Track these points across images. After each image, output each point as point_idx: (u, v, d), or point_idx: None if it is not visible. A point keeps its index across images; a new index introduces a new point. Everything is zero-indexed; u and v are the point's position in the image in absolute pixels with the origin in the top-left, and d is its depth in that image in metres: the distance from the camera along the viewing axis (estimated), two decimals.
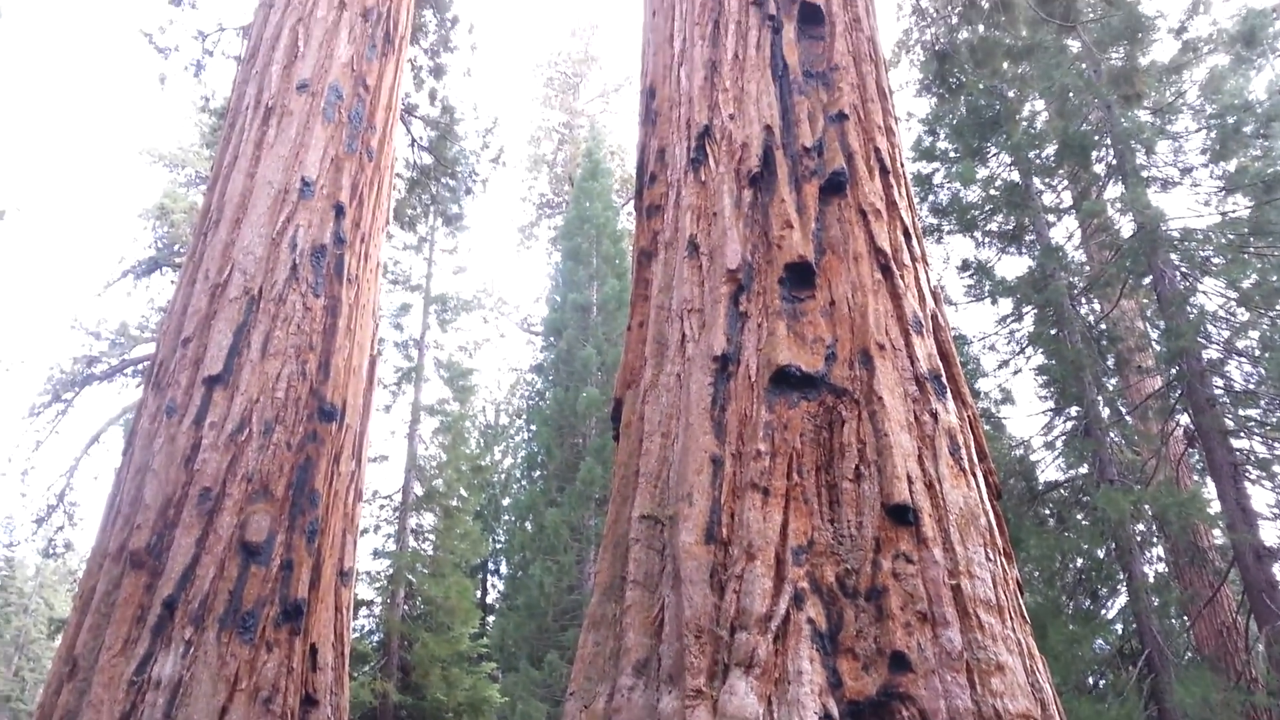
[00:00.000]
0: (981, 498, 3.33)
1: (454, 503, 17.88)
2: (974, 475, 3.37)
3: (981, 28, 11.73)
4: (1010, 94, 12.05)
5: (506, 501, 22.00)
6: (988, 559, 3.07)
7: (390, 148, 7.81)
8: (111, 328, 18.39)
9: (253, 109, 6.82)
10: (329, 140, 6.71)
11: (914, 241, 4.20)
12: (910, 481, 3.11)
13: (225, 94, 14.11)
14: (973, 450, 3.52)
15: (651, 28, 5.91)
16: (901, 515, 3.04)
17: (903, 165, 4.70)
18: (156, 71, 12.99)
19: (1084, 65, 11.30)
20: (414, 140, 14.46)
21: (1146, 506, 9.19)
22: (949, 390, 3.60)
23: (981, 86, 11.71)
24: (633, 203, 6.41)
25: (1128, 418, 11.06)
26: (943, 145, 12.27)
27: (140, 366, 18.02)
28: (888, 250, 3.96)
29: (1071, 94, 10.77)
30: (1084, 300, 11.77)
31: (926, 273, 4.24)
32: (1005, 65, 11.43)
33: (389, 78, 7.78)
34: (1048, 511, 10.80)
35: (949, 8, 12.75)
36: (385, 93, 7.65)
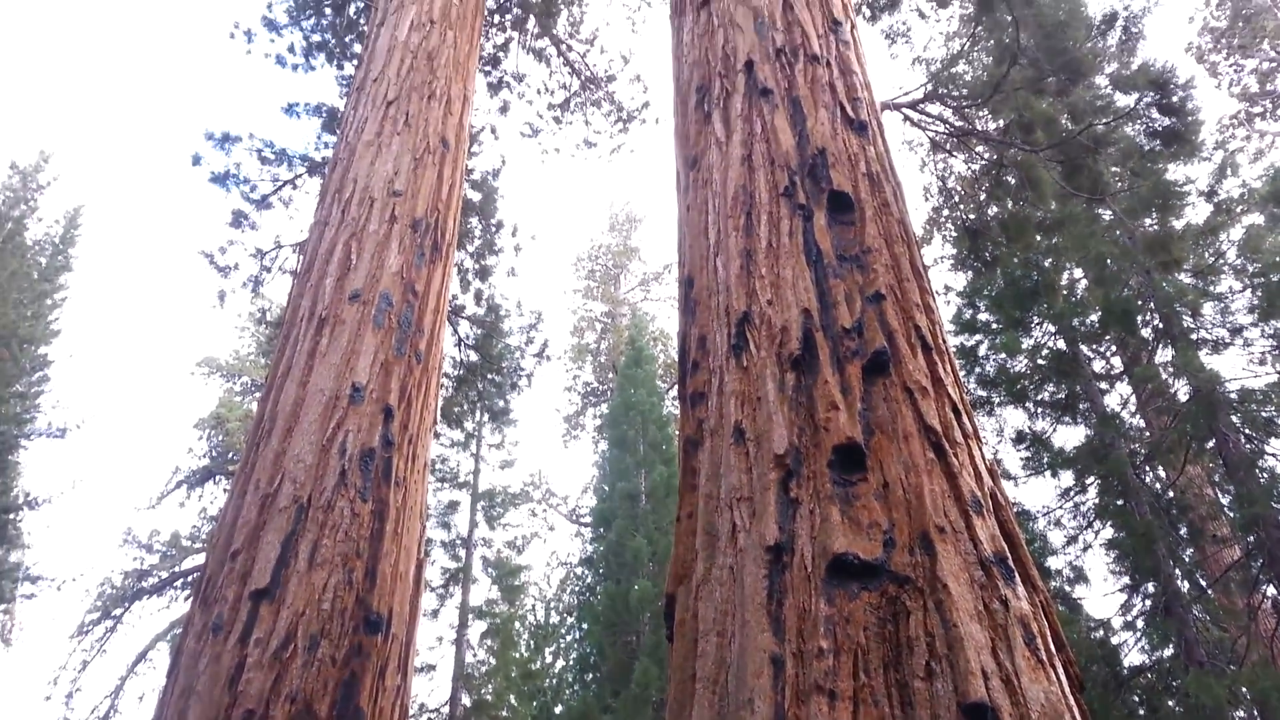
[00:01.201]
0: (1063, 691, 3.07)
1: (504, 713, 17.17)
2: (1053, 666, 3.13)
3: (1010, 203, 12.00)
4: (1047, 263, 12.15)
5: (559, 709, 21.10)
6: None
7: (438, 349, 8.00)
8: (163, 539, 18.54)
9: (307, 320, 7.06)
10: (379, 346, 6.88)
11: (964, 418, 4.09)
12: (986, 677, 2.88)
13: (281, 302, 14.72)
14: (1049, 638, 3.28)
15: (686, 221, 6.09)
16: (979, 716, 2.80)
17: (945, 341, 4.66)
18: (215, 289, 13.66)
19: (1118, 232, 11.43)
20: (460, 339, 14.88)
21: (1244, 690, 8.52)
22: (1017, 574, 3.40)
23: (1016, 260, 11.84)
24: (676, 389, 6.42)
25: (1210, 592, 10.45)
26: (984, 317, 12.30)
27: (190, 578, 18.02)
28: (938, 428, 3.86)
29: (1109, 261, 10.83)
30: (1148, 468, 11.40)
31: (980, 449, 4.11)
32: (1038, 238, 11.61)
33: (436, 283, 8.06)
34: (1137, 699, 10.05)
35: (976, 187, 13.11)
36: (433, 297, 7.91)
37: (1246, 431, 9.95)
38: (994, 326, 11.90)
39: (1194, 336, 10.58)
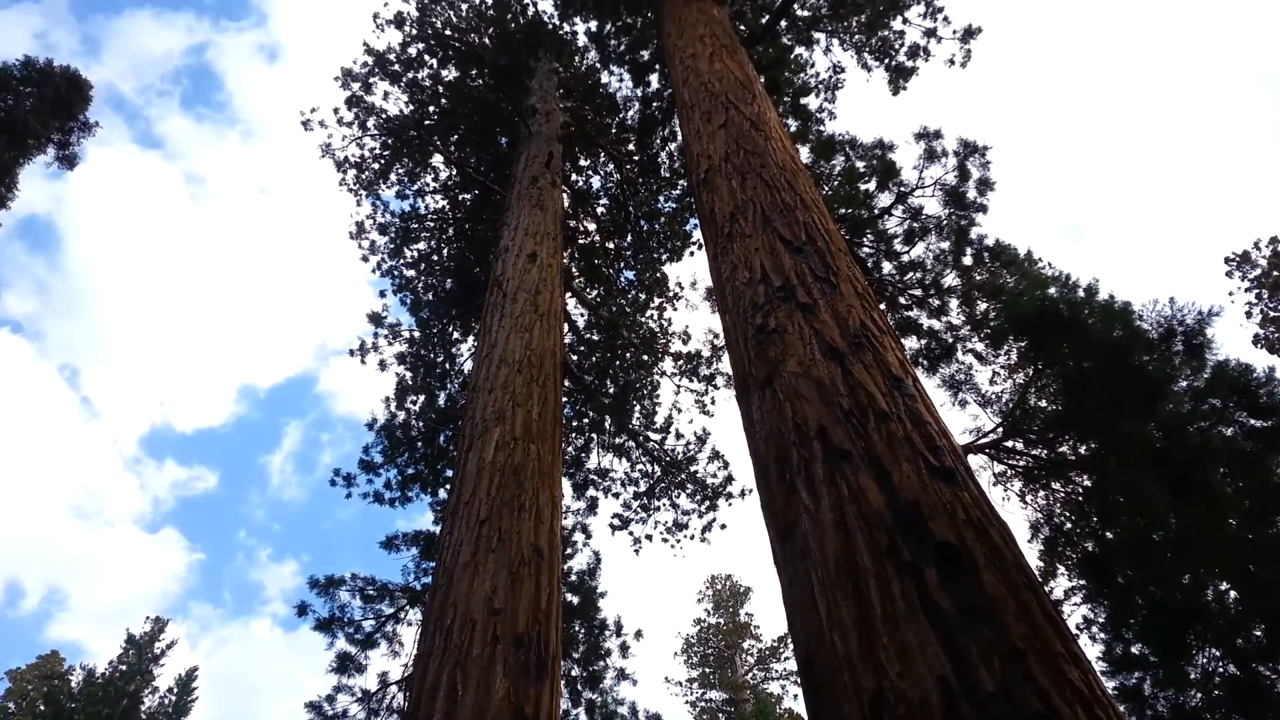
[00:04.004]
0: None
1: None
2: None
3: (1126, 523, 11.47)
4: (1185, 580, 11.32)
5: None
6: None
7: None
8: None
9: None
10: None
11: None
12: None
13: None
14: None
15: (790, 597, 5.84)
16: None
17: (1103, 690, 4.18)
18: None
19: (1250, 536, 10.72)
20: None
21: None
22: None
23: (1152, 586, 11.08)
24: None
25: None
26: (1137, 649, 11.29)
27: None
28: None
29: (1252, 568, 10.06)
30: None
31: None
32: (1168, 555, 10.94)
33: (546, 702, 7.71)
34: None
35: (1085, 513, 12.65)
36: (544, 719, 7.54)
37: None
38: (1151, 660, 10.87)
39: None
